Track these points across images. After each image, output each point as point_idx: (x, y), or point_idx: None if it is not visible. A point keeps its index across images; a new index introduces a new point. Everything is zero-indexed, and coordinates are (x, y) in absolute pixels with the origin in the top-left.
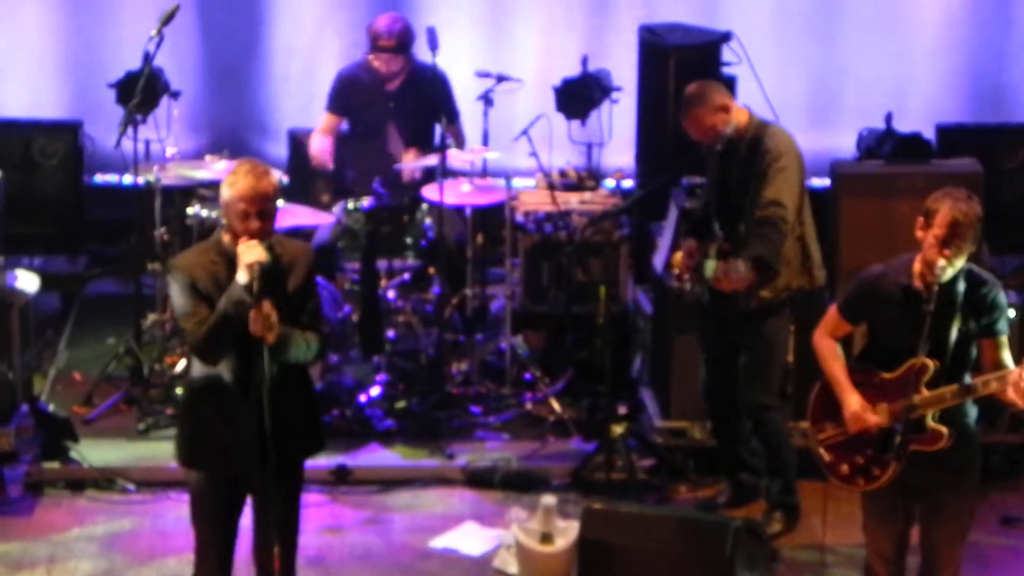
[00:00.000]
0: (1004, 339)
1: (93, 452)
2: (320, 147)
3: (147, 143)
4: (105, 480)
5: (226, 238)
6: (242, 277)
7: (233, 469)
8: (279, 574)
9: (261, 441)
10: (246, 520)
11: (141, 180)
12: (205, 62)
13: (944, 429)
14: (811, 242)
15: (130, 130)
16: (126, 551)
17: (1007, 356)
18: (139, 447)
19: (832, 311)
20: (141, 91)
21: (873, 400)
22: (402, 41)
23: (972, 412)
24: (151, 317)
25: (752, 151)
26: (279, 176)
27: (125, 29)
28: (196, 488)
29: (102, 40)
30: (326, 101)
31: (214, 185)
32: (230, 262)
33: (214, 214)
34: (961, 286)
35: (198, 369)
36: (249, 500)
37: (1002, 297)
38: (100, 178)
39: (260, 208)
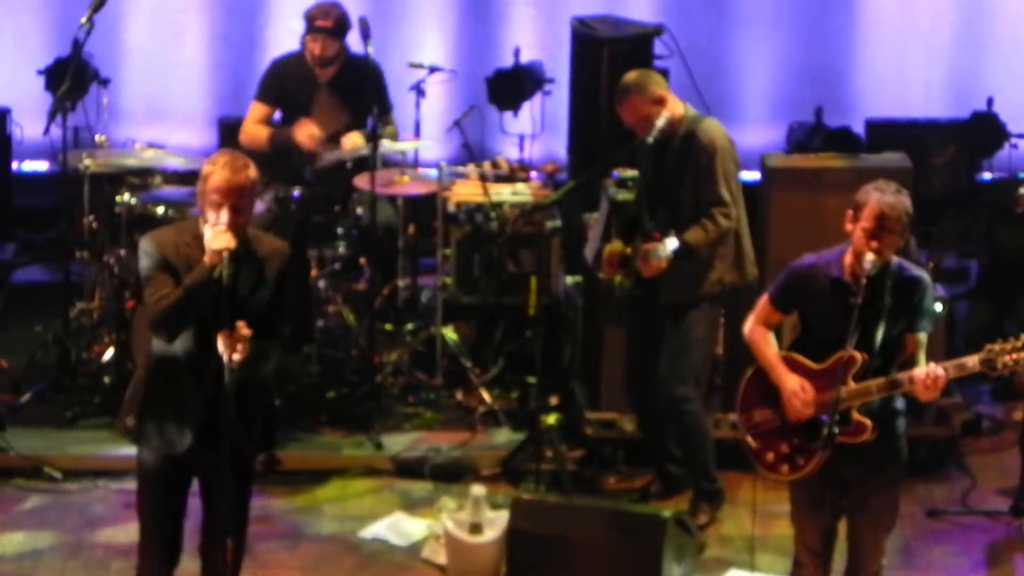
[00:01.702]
0: (924, 338)
1: (20, 440)
2: (261, 137)
3: (76, 130)
4: (32, 468)
5: (202, 223)
6: (208, 259)
7: (179, 452)
8: (230, 568)
9: (214, 434)
10: (191, 514)
11: (70, 167)
12: (135, 49)
13: (868, 422)
14: (744, 237)
15: (59, 117)
16: (52, 540)
17: (921, 355)
18: (66, 435)
19: (763, 301)
20: (70, 78)
21: None
22: (339, 24)
23: (899, 405)
24: (79, 305)
25: (686, 145)
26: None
27: (55, 15)
28: (142, 469)
29: (31, 26)
30: (257, 90)
31: (143, 172)
32: (203, 248)
33: (143, 202)
34: (891, 281)
35: (156, 348)
36: (198, 494)
37: (929, 299)
38: (28, 165)
39: (234, 202)
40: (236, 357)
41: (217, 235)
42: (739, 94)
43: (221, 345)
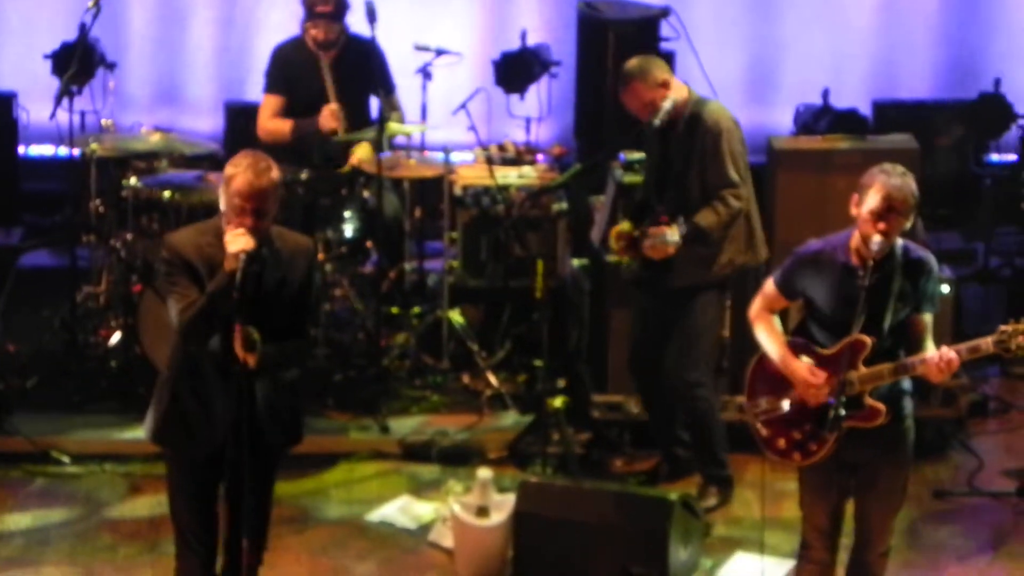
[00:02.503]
0: (929, 319)
1: (27, 424)
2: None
3: (83, 114)
4: (39, 452)
5: (225, 224)
6: (228, 265)
7: (205, 452)
8: (246, 568)
9: (238, 434)
10: None
11: (76, 151)
12: (141, 33)
13: (881, 406)
14: (754, 218)
15: (65, 101)
16: (60, 523)
17: (928, 336)
18: (74, 419)
19: (769, 285)
20: (77, 62)
21: None
22: (338, 7)
23: (906, 386)
24: (86, 289)
25: (691, 128)
26: (276, 173)
27: None
28: (171, 471)
29: (38, 10)
30: (265, 82)
31: (150, 156)
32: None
33: (149, 186)
34: (898, 263)
35: (180, 347)
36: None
37: (935, 280)
38: (35, 149)
39: (256, 206)
40: (251, 361)
41: (235, 237)
42: (746, 76)
43: (237, 346)
